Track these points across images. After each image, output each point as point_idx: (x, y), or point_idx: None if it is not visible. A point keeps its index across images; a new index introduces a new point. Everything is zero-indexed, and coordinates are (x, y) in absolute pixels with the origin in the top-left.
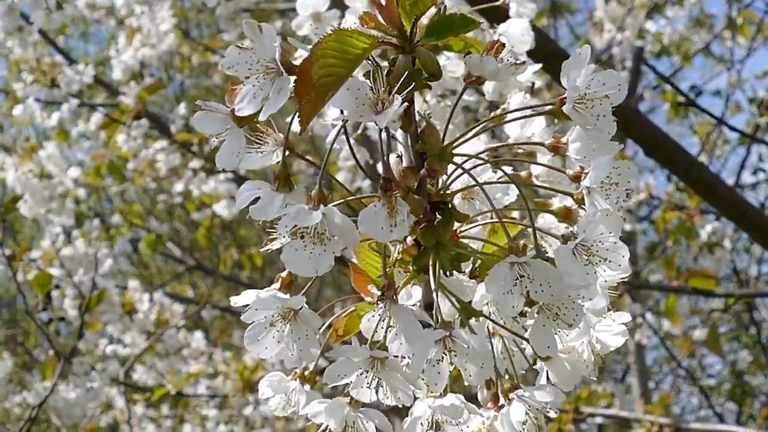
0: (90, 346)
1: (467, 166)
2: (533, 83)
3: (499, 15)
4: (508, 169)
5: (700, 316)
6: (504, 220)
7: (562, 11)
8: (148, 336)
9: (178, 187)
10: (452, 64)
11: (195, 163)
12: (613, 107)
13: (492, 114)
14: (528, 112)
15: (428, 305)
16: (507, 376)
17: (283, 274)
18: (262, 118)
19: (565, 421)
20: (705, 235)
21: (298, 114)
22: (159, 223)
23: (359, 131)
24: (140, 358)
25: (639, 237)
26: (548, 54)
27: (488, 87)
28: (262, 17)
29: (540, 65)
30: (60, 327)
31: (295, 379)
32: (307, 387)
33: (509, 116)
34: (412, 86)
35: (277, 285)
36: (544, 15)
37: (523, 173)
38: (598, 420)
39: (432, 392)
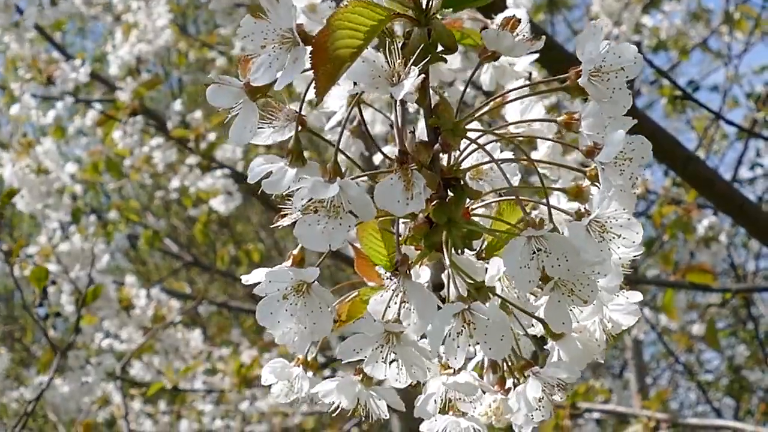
0: (86, 340)
1: (480, 142)
2: (530, 73)
3: (496, 6)
4: (509, 154)
5: (697, 311)
6: (515, 198)
7: (559, 6)
8: (145, 332)
9: (175, 183)
10: (450, 56)
11: (192, 160)
12: (628, 79)
13: (498, 95)
14: (526, 91)
15: (436, 286)
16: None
17: (295, 251)
18: (278, 87)
19: (563, 417)
20: (702, 230)
21: (314, 85)
22: (156, 219)
23: (354, 123)
24: (138, 354)
25: None
26: (544, 48)
27: (485, 78)
28: (259, 10)
29: (536, 55)
30: (57, 323)
31: (298, 366)
32: (310, 373)
33: (511, 95)
34: (427, 59)
35: (288, 262)
36: (541, 10)
37: (526, 163)
38: (596, 415)
39: (448, 368)
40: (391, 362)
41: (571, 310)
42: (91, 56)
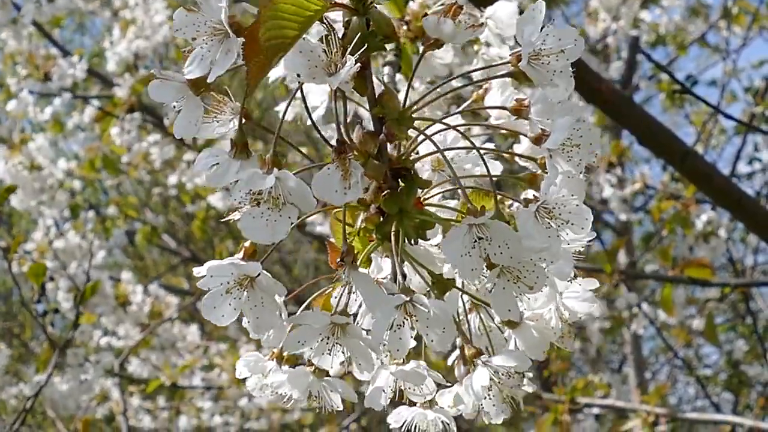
0: (85, 337)
1: (432, 131)
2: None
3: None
4: (490, 145)
5: (696, 306)
6: (473, 186)
7: (557, 1)
8: (142, 328)
9: (173, 179)
10: (441, 50)
11: (189, 155)
12: (570, 62)
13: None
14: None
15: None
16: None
17: (246, 243)
18: (210, 79)
19: (562, 412)
20: (701, 225)
21: (245, 77)
22: (154, 215)
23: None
24: (135, 350)
25: (635, 227)
26: None
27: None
28: (253, 1)
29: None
30: (55, 319)
31: (272, 360)
32: (285, 367)
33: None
34: (365, 48)
35: (239, 254)
36: None
37: (506, 155)
38: (595, 410)
39: (394, 359)
40: (337, 354)
41: (518, 297)
42: (89, 53)
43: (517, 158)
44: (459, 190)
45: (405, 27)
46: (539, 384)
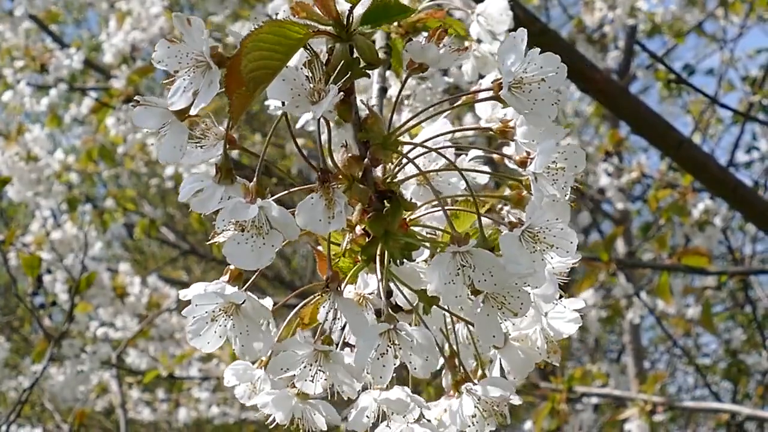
0: (81, 328)
1: (417, 151)
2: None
3: None
4: (478, 152)
5: (694, 295)
6: (455, 208)
7: None
8: (140, 319)
9: (170, 170)
10: None
11: None
12: (552, 90)
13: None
14: (480, 98)
15: (387, 293)
16: (474, 361)
17: (232, 266)
18: (193, 111)
19: (559, 401)
20: (698, 214)
21: (228, 108)
22: (153, 208)
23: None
24: (133, 341)
25: (633, 217)
26: (535, 33)
27: (467, 69)
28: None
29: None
30: (53, 311)
31: (261, 368)
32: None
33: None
34: (349, 75)
35: (225, 278)
36: None
37: (496, 157)
38: (593, 400)
39: (377, 385)
40: (320, 380)
41: (503, 322)
42: (86, 45)
43: (506, 160)
44: (443, 214)
45: (395, 23)
46: (537, 373)
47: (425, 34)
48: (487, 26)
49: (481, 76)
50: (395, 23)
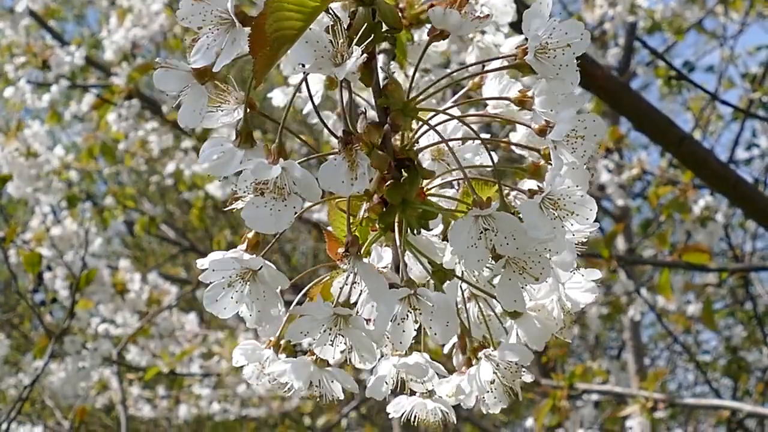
0: (82, 324)
1: (434, 122)
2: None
3: None
4: (487, 135)
5: (695, 291)
6: (476, 177)
7: None
8: (140, 316)
9: (170, 167)
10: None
11: (187, 143)
12: (576, 56)
13: (459, 77)
14: (497, 66)
15: (399, 267)
16: (485, 341)
17: (249, 234)
18: (215, 68)
19: (560, 398)
20: (698, 210)
21: (252, 68)
22: (152, 205)
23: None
24: (133, 338)
25: (634, 213)
26: None
27: (470, 59)
28: None
29: (524, 36)
30: (54, 308)
31: (269, 348)
32: (282, 356)
33: (486, 71)
34: (371, 38)
35: (242, 246)
36: None
37: (503, 144)
38: (594, 397)
39: (397, 351)
40: (340, 344)
41: (524, 288)
42: (87, 42)
43: (513, 147)
44: (464, 180)
45: (399, 14)
46: (538, 370)
47: (429, 26)
48: (492, 17)
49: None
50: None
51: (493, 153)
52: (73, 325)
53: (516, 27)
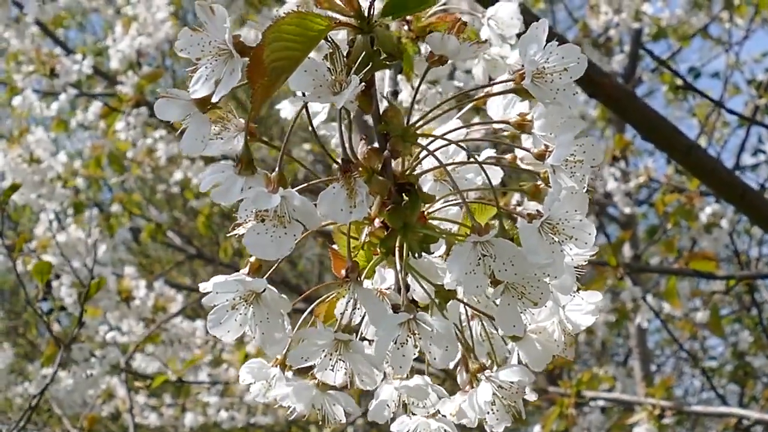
0: (90, 332)
1: (434, 146)
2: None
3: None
4: (492, 151)
5: (701, 298)
6: (476, 200)
7: None
8: (146, 324)
9: (177, 175)
10: None
11: None
12: (572, 80)
13: (462, 93)
14: (498, 90)
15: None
16: (488, 360)
17: (252, 258)
18: (214, 99)
19: (567, 405)
20: (705, 218)
21: (250, 99)
22: (159, 212)
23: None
24: (141, 346)
25: (639, 220)
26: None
27: (477, 72)
28: (258, 3)
29: None
30: (60, 316)
31: (276, 366)
32: (289, 374)
33: (489, 96)
34: (370, 66)
35: (245, 270)
36: None
37: (509, 156)
38: (601, 403)
39: (397, 375)
40: (340, 370)
41: (523, 312)
42: (90, 50)
43: (518, 162)
44: (459, 208)
45: (406, 27)
46: (545, 377)
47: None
48: (498, 30)
49: (491, 79)
50: (405, 27)
51: (498, 169)
52: (81, 333)
53: None
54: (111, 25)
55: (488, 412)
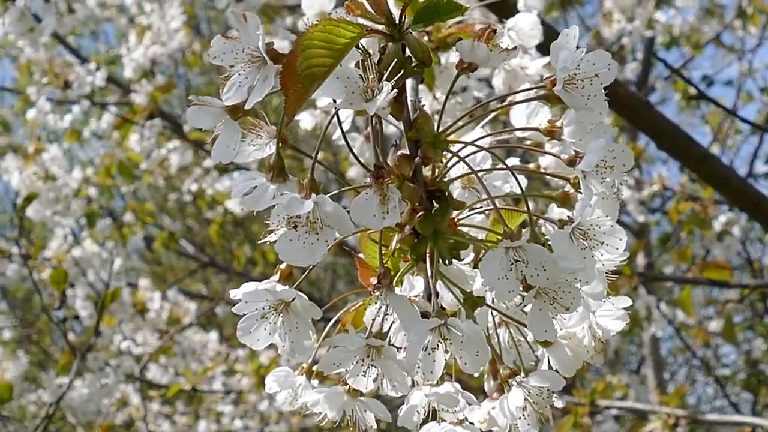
0: (105, 341)
1: (464, 153)
2: (542, 76)
3: (507, 10)
4: (516, 160)
5: (714, 306)
6: (505, 207)
7: (572, 3)
8: (160, 335)
9: (192, 186)
10: None
11: (208, 162)
12: (603, 86)
13: (487, 102)
14: (526, 97)
15: (431, 295)
16: (516, 367)
17: (282, 266)
18: (248, 106)
19: (582, 414)
20: (719, 226)
21: (284, 105)
22: (172, 221)
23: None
24: (155, 357)
25: (652, 228)
26: None
27: (497, 82)
28: (271, 13)
29: (548, 59)
30: (73, 325)
31: (302, 375)
32: (315, 382)
33: (513, 104)
34: (401, 73)
35: (275, 277)
36: (555, 7)
37: (532, 164)
38: (614, 411)
39: (428, 381)
40: (373, 375)
41: (554, 318)
42: (104, 59)
43: (542, 169)
44: (494, 212)
45: (426, 38)
46: None
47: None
48: (518, 40)
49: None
50: (425, 38)
51: (522, 177)
52: (96, 342)
53: (543, 49)
54: (125, 33)
55: (519, 418)
